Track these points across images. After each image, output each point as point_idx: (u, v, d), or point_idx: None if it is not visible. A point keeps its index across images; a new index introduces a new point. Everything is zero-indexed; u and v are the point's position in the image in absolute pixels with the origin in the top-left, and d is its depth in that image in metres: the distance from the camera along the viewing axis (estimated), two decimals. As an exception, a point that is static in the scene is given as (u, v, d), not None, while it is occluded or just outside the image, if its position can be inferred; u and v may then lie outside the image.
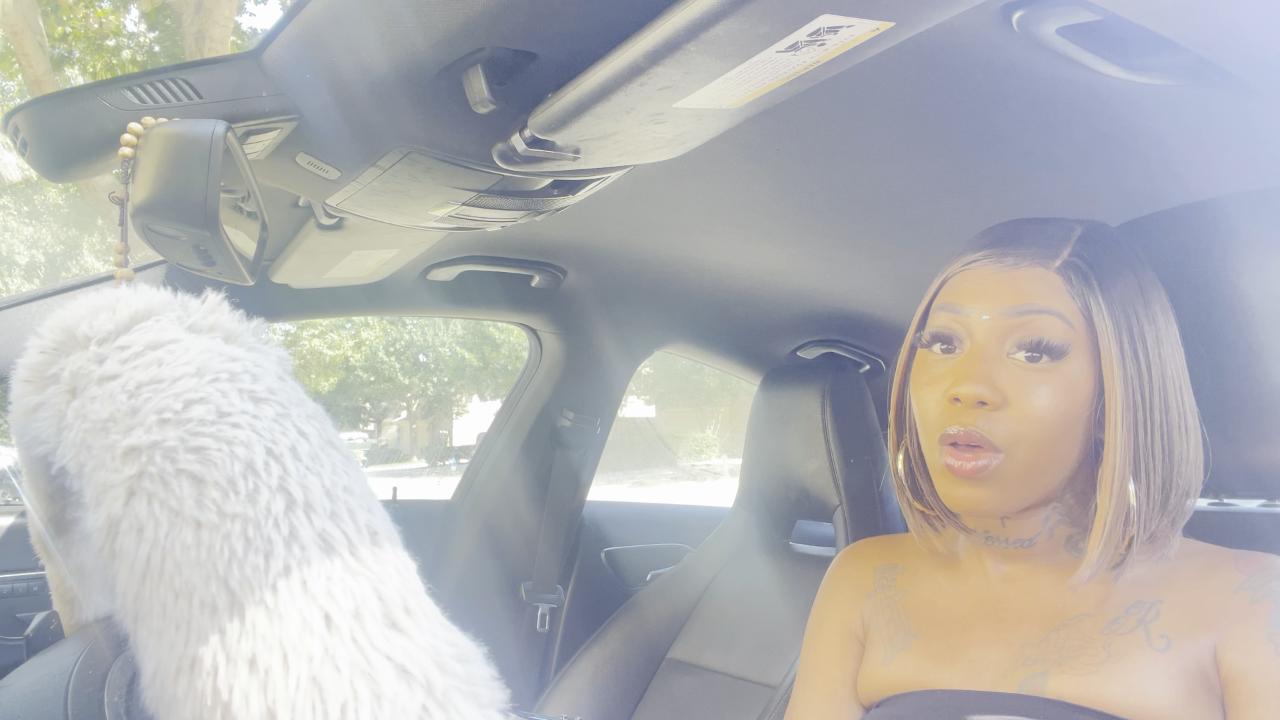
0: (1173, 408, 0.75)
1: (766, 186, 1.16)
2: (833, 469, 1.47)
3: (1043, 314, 0.75)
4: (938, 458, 0.77)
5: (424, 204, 1.01)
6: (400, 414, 26.17)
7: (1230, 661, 0.70)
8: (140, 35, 8.06)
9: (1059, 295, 0.75)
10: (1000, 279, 0.77)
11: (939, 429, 0.76)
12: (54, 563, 0.59)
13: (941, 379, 0.78)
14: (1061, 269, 0.76)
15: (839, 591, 0.94)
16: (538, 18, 0.72)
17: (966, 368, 0.76)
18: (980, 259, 0.79)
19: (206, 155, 0.69)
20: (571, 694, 1.51)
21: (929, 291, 0.83)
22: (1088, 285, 0.75)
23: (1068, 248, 0.77)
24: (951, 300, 0.79)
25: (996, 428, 0.74)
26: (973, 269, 0.79)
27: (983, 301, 0.77)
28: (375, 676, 0.40)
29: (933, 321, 0.80)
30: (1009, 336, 0.75)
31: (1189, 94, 0.77)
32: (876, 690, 0.86)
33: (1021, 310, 0.75)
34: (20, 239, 12.72)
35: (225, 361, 0.48)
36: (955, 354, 0.78)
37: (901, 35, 0.65)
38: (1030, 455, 0.74)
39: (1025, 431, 0.73)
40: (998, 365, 0.75)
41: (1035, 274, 0.76)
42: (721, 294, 1.70)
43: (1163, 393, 0.75)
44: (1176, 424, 0.75)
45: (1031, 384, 0.74)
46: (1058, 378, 0.74)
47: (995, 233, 0.81)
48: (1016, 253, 0.77)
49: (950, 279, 0.81)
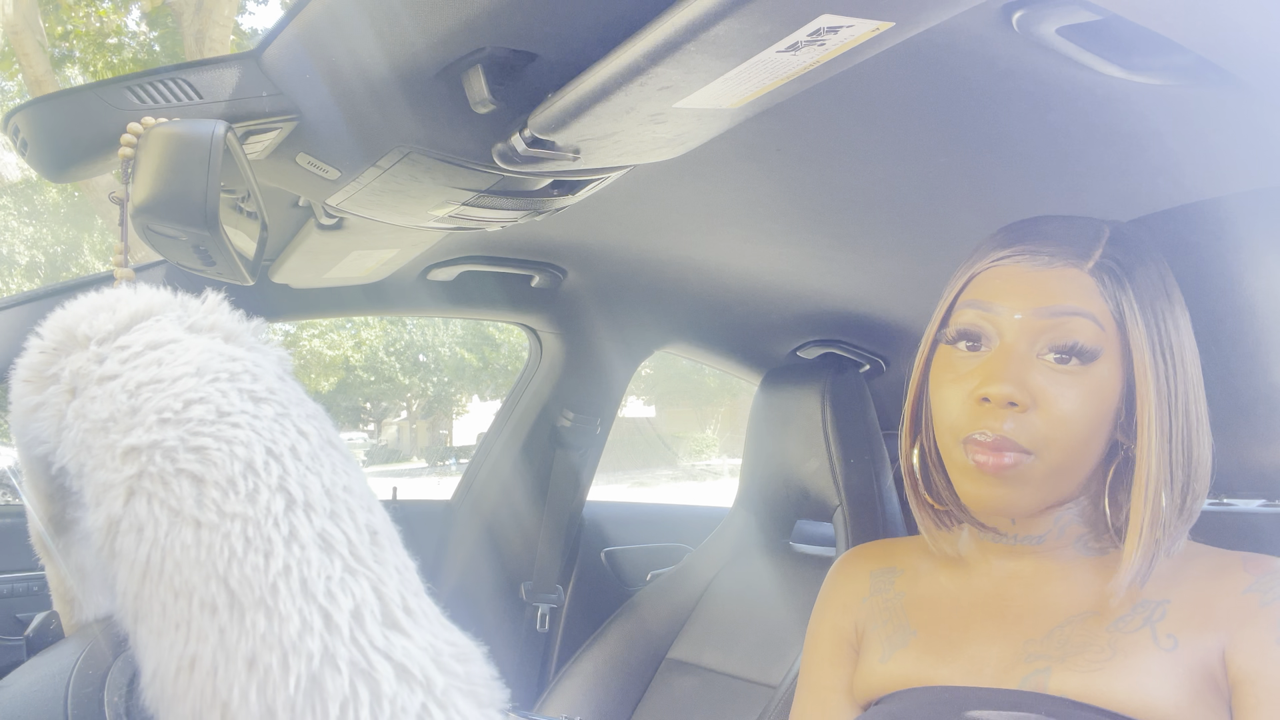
0: (1193, 411, 0.75)
1: (766, 186, 1.16)
2: (833, 469, 1.47)
3: (1076, 316, 0.73)
4: (962, 456, 0.75)
5: (424, 204, 1.01)
6: (400, 414, 26.17)
7: (1239, 664, 0.70)
8: (141, 35, 8.06)
9: (1092, 297, 0.74)
10: (1033, 278, 0.76)
11: (965, 431, 0.75)
12: (54, 563, 0.59)
13: (968, 377, 0.76)
14: (1095, 270, 0.75)
15: (834, 598, 0.94)
16: (538, 18, 0.72)
17: (995, 367, 0.74)
18: (1011, 255, 0.77)
19: (206, 155, 0.69)
20: (571, 694, 1.52)
21: (953, 286, 0.81)
22: (1120, 288, 0.74)
23: (1100, 248, 0.76)
24: (980, 297, 0.78)
25: (1024, 430, 0.73)
26: (1003, 265, 0.77)
27: (1015, 300, 0.75)
28: (375, 676, 0.40)
29: (958, 318, 0.79)
30: (1041, 337, 0.74)
31: (1189, 94, 0.77)
32: (874, 689, 0.85)
33: (1055, 311, 0.74)
34: (20, 239, 12.72)
35: (225, 361, 0.48)
36: (982, 352, 0.77)
37: (901, 35, 0.65)
38: (1059, 458, 0.73)
39: (1054, 434, 0.73)
40: (1028, 366, 0.74)
41: (1069, 274, 0.75)
42: (721, 294, 1.70)
43: (1186, 396, 0.74)
44: (1196, 427, 0.75)
45: (1060, 386, 0.73)
46: (1087, 380, 0.73)
47: (1023, 229, 0.79)
48: (1050, 251, 0.76)
49: (978, 275, 0.79)
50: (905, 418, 0.86)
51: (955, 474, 0.78)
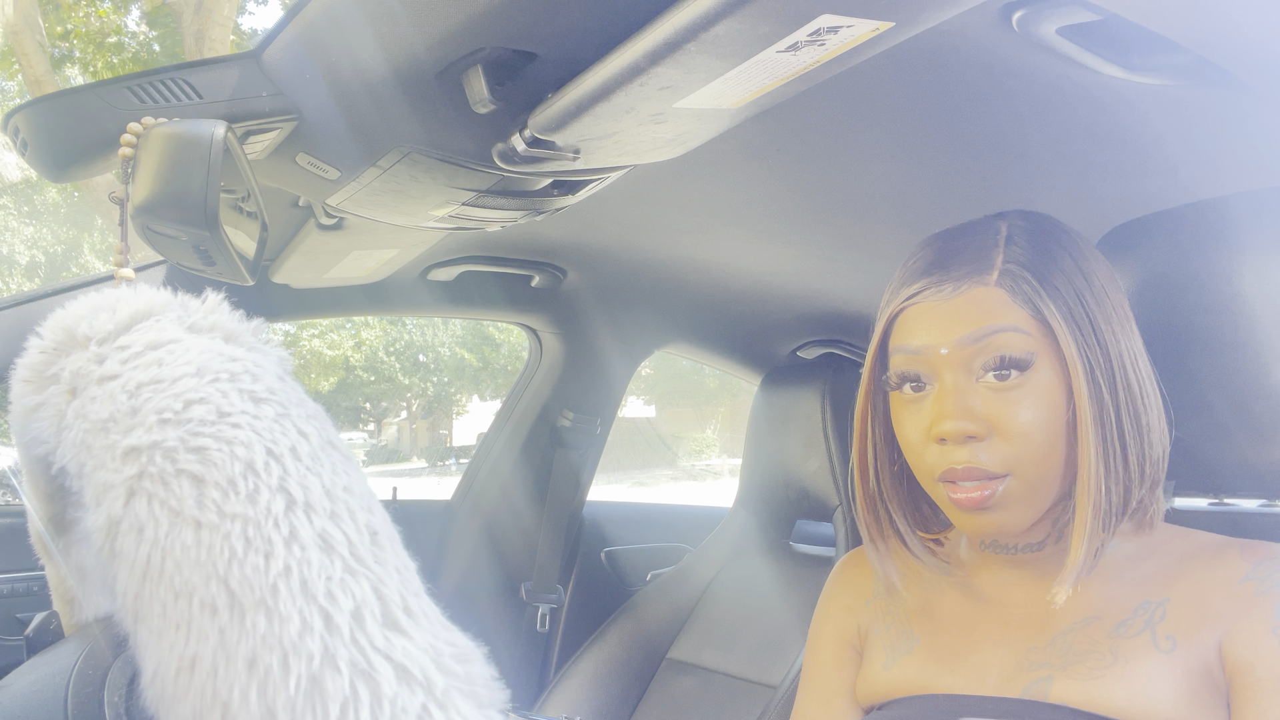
0: (1133, 383, 0.74)
1: (766, 186, 1.16)
2: (833, 469, 1.47)
3: (999, 333, 0.73)
4: (943, 494, 0.76)
5: (424, 204, 1.01)
6: (400, 414, 26.17)
7: (1235, 656, 0.70)
8: (141, 35, 8.06)
9: (1008, 309, 0.74)
10: (945, 310, 0.75)
11: (937, 470, 0.75)
12: (54, 563, 0.59)
13: (921, 418, 0.77)
14: (1000, 280, 0.74)
15: (837, 599, 0.94)
16: (538, 18, 0.72)
17: (942, 405, 0.74)
18: (919, 293, 0.77)
19: (206, 155, 0.69)
20: (571, 694, 1.52)
21: (876, 332, 0.81)
22: (1032, 288, 0.74)
23: (999, 253, 0.76)
24: (904, 342, 0.78)
25: (991, 455, 0.73)
26: (915, 304, 0.77)
27: (935, 336, 0.75)
28: (375, 677, 0.40)
29: (894, 364, 0.79)
30: (974, 362, 0.74)
31: (1189, 94, 0.77)
32: (877, 694, 0.85)
33: (976, 336, 0.74)
34: (20, 239, 12.72)
35: (225, 361, 0.48)
36: (927, 391, 0.77)
37: (901, 35, 0.65)
38: (1033, 471, 0.73)
39: (1021, 451, 0.73)
40: (971, 394, 0.74)
41: (977, 295, 0.75)
42: (721, 294, 1.70)
43: (1123, 372, 0.74)
44: (1139, 397, 0.75)
45: (1010, 404, 0.73)
46: (1032, 389, 0.73)
47: (924, 257, 0.79)
48: (954, 277, 0.76)
49: (896, 317, 0.79)
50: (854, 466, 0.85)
51: (947, 510, 0.78)
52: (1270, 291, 0.84)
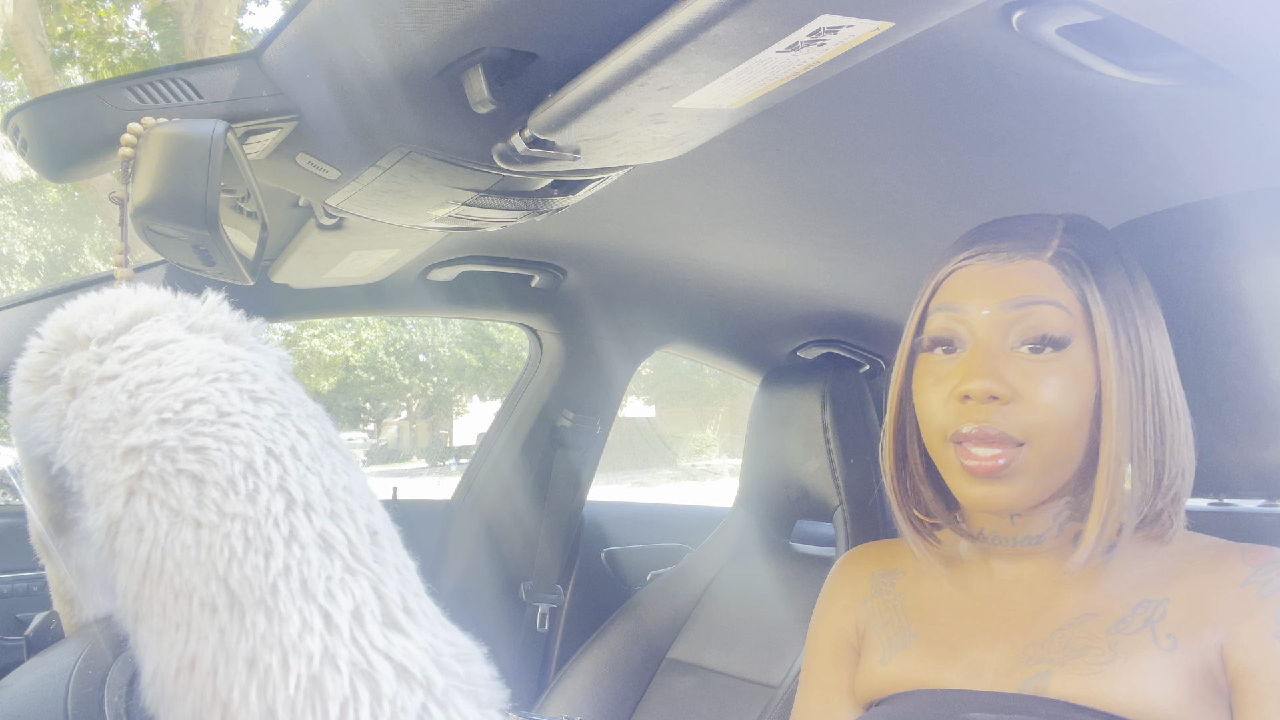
0: (1163, 391, 0.76)
1: (766, 186, 1.16)
2: (833, 469, 1.47)
3: (1042, 304, 0.75)
4: (954, 458, 0.76)
5: (424, 204, 1.01)
6: (400, 414, 26.17)
7: (1237, 659, 0.70)
8: (141, 35, 8.06)
9: (1055, 286, 0.76)
10: (996, 273, 0.78)
11: (951, 428, 0.76)
12: (54, 563, 0.59)
13: (947, 379, 0.78)
14: (1054, 259, 0.77)
15: (834, 599, 0.95)
16: (538, 18, 0.72)
17: (972, 364, 0.76)
18: (973, 256, 0.79)
19: (206, 155, 0.69)
20: (571, 694, 1.52)
21: (923, 295, 0.83)
22: (1081, 274, 0.76)
23: (1056, 238, 0.78)
24: (949, 300, 0.79)
25: (1011, 420, 0.74)
26: (967, 267, 0.80)
27: (981, 297, 0.77)
28: (375, 676, 0.40)
29: (931, 324, 0.80)
30: (1011, 330, 0.76)
31: (1189, 94, 0.77)
32: (875, 690, 0.85)
33: (1021, 303, 0.76)
34: (20, 239, 12.72)
35: (225, 361, 0.48)
36: (958, 354, 0.78)
37: (901, 35, 0.65)
38: (1050, 445, 0.74)
39: (1042, 422, 0.74)
40: (1004, 360, 0.75)
41: (1030, 266, 0.77)
42: (721, 294, 1.70)
43: (1154, 378, 0.76)
44: (1168, 407, 0.76)
45: (1039, 376, 0.74)
46: (1064, 367, 0.74)
47: (983, 231, 0.82)
48: (1009, 247, 0.78)
49: (944, 279, 0.81)
50: (887, 430, 0.87)
51: (951, 478, 0.78)
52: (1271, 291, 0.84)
